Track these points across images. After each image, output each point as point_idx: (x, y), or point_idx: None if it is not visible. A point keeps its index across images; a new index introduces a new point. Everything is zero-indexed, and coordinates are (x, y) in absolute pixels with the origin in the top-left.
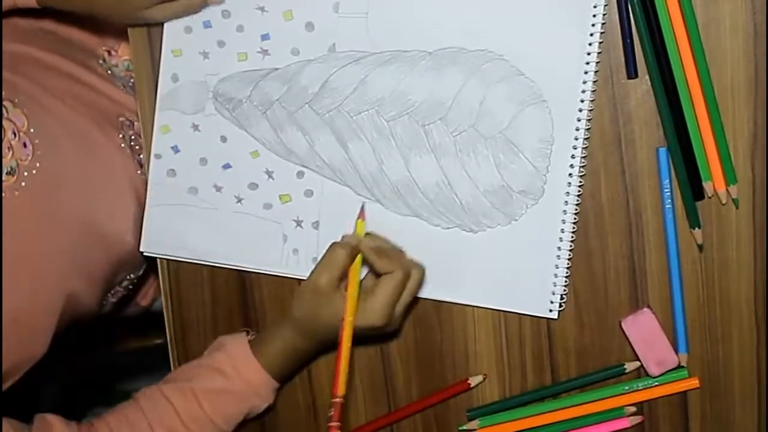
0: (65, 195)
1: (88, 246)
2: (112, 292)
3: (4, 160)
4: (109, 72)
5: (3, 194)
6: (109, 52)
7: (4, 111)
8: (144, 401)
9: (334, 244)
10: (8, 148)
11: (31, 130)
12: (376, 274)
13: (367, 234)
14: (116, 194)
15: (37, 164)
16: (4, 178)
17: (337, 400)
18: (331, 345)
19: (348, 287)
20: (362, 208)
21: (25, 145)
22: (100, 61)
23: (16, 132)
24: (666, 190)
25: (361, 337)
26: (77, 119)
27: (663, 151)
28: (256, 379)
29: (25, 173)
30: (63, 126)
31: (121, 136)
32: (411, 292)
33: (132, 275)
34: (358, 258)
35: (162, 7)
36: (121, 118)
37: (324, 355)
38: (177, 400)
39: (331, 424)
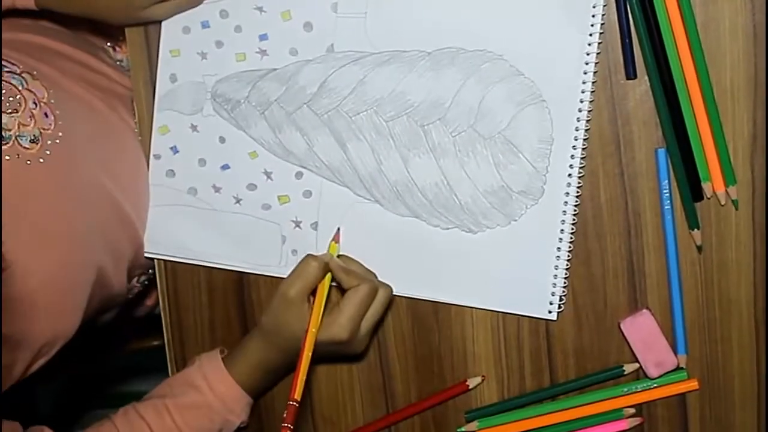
0: (88, 168)
1: (112, 222)
2: (129, 286)
3: (27, 129)
4: (117, 63)
5: (28, 162)
6: (114, 48)
7: (23, 82)
8: (119, 420)
9: (308, 256)
10: (30, 117)
11: (52, 101)
12: (344, 292)
13: (341, 256)
14: (133, 176)
15: (60, 134)
16: (28, 146)
17: (292, 403)
18: (297, 357)
19: (315, 299)
20: (338, 231)
21: (46, 115)
22: (109, 53)
23: (36, 102)
24: (665, 191)
25: (327, 356)
26: (93, 101)
27: (662, 151)
28: (228, 393)
29: (49, 142)
30: (80, 106)
31: (136, 121)
32: (377, 311)
33: (151, 270)
34: (329, 274)
35: (162, 5)
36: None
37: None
38: (150, 417)
39: (283, 425)
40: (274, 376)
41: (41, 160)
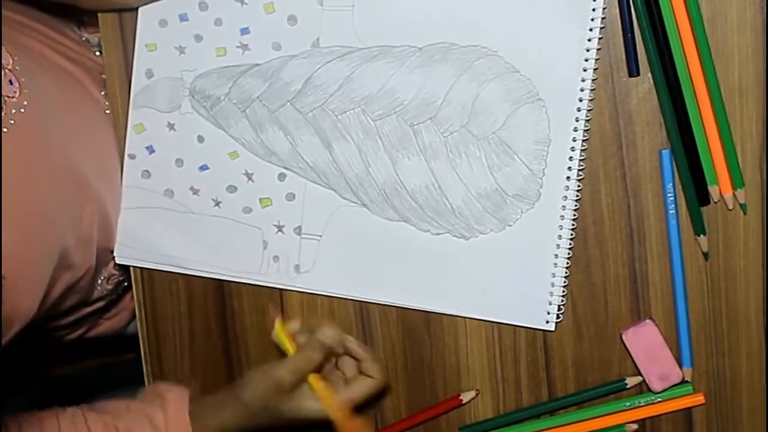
0: (54, 139)
1: (78, 199)
2: (106, 275)
3: None
4: (83, 39)
5: None
6: (79, 27)
7: None
8: (65, 422)
9: (309, 346)
10: None
11: (17, 68)
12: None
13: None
14: (101, 152)
15: (25, 103)
16: None
17: None
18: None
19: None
20: (271, 309)
21: (11, 82)
22: (74, 29)
23: (0, 68)
24: (669, 195)
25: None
26: (61, 68)
27: (666, 153)
28: None
29: (13, 111)
30: (48, 73)
31: (103, 93)
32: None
33: (123, 277)
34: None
35: None
36: (103, 75)
37: None
38: None
39: None
40: None
41: (5, 130)
